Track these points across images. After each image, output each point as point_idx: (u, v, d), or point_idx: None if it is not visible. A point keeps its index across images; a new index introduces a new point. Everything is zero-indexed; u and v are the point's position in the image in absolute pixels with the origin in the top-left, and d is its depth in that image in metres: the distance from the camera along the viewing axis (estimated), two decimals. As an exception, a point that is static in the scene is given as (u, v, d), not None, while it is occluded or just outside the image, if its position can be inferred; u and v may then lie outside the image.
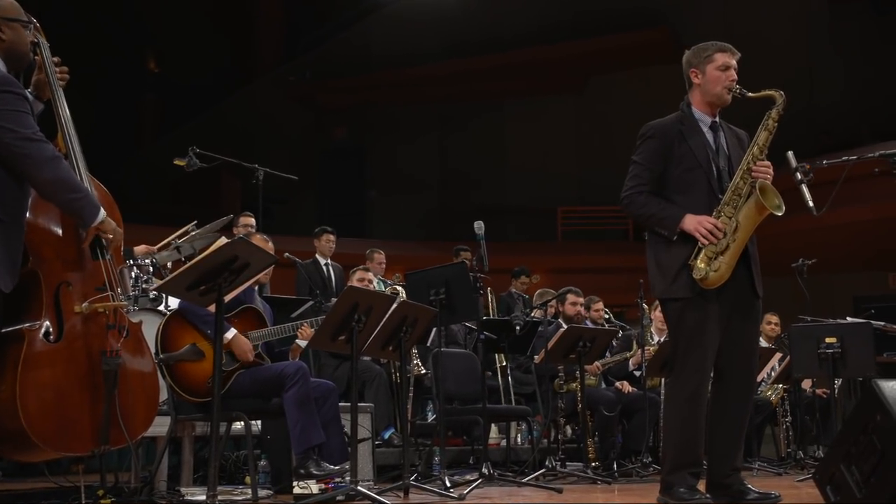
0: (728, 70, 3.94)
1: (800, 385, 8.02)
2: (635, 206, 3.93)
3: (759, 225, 3.86)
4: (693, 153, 3.89)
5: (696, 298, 3.79)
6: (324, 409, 4.54)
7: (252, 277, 4.12)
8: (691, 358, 3.79)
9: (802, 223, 11.06)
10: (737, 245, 3.78)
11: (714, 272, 3.75)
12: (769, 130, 3.88)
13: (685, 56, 4.06)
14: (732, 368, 3.89)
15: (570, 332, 6.42)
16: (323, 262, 8.50)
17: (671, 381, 3.91)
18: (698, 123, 3.97)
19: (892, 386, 2.43)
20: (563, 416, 7.00)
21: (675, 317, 3.86)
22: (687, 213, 3.81)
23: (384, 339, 4.73)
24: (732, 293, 3.84)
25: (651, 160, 3.92)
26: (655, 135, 3.95)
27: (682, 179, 3.89)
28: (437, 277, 5.56)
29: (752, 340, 3.95)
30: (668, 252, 3.87)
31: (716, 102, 3.96)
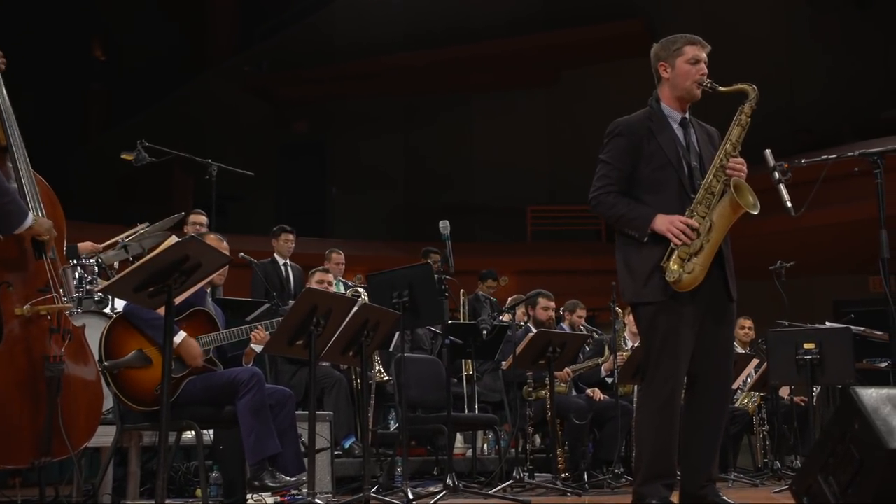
0: (698, 64, 3.96)
1: (777, 392, 8.11)
2: (604, 206, 3.94)
3: (734, 225, 3.89)
4: (663, 151, 3.91)
5: (668, 302, 3.80)
6: (279, 418, 4.52)
7: (204, 278, 4.10)
8: (664, 364, 3.81)
9: (780, 224, 11.18)
10: (711, 245, 3.80)
11: (688, 274, 3.76)
12: (742, 126, 3.90)
13: (653, 49, 4.08)
14: (707, 375, 3.91)
15: (539, 337, 6.45)
16: (281, 263, 8.47)
17: (643, 389, 3.94)
18: (668, 120, 3.99)
19: (870, 394, 2.46)
20: (532, 424, 7.02)
21: (647, 322, 3.87)
22: (658, 213, 3.83)
23: (344, 344, 4.72)
24: (706, 296, 3.86)
25: (619, 159, 3.93)
26: (623, 132, 3.96)
27: (652, 178, 3.91)
28: (400, 279, 5.55)
29: (726, 345, 3.97)
30: (638, 254, 3.88)
31: (685, 97, 3.99)
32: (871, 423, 2.38)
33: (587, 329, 8.11)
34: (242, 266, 7.55)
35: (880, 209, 4.23)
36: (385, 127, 18.85)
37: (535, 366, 6.55)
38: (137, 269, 3.71)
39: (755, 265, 9.13)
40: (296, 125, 19.47)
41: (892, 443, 2.35)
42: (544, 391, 6.90)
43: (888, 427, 2.38)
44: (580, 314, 8.13)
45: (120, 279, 3.77)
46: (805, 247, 12.53)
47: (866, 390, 2.47)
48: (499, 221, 17.61)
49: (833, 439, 2.54)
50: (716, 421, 3.93)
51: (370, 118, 18.77)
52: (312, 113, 19.35)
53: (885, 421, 2.39)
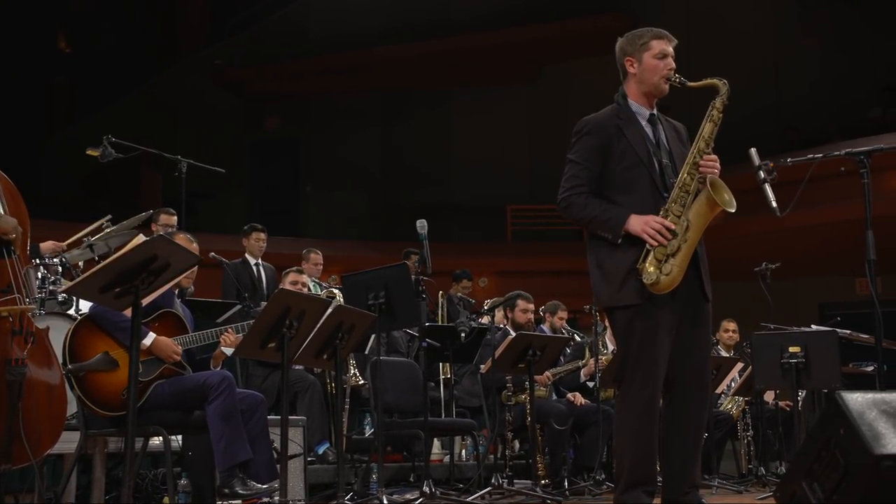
0: (666, 58, 3.97)
1: (762, 397, 8.16)
2: (574, 208, 3.93)
3: (718, 226, 3.91)
4: (633, 149, 3.91)
5: (645, 305, 3.80)
6: (251, 423, 4.51)
7: (173, 279, 4.07)
8: (642, 369, 3.81)
9: (765, 225, 11.25)
10: (689, 245, 3.80)
11: (666, 276, 3.77)
12: (714, 122, 3.91)
13: (619, 44, 4.09)
14: (685, 378, 3.92)
15: (518, 340, 6.46)
16: (253, 263, 8.43)
17: (621, 395, 3.93)
18: (636, 117, 4.00)
19: (856, 398, 2.48)
20: (511, 429, 7.03)
21: (624, 326, 3.87)
22: (631, 213, 3.83)
23: (318, 347, 4.71)
24: (682, 297, 3.87)
25: (589, 158, 3.93)
26: (591, 131, 3.96)
27: (623, 178, 3.91)
28: (376, 280, 5.56)
29: (704, 347, 3.99)
30: (612, 256, 3.88)
31: (653, 93, 4.00)
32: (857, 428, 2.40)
33: (568, 332, 8.14)
34: (213, 266, 7.51)
35: (867, 210, 4.27)
36: (361, 123, 18.82)
37: (515, 369, 6.56)
38: (103, 269, 3.68)
39: (740, 267, 9.19)
40: (269, 121, 19.40)
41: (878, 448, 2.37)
42: (524, 395, 6.91)
43: (874, 432, 2.40)
44: (562, 316, 8.14)
45: (85, 279, 3.75)
46: (791, 248, 12.62)
47: (852, 395, 2.49)
48: (478, 221, 17.61)
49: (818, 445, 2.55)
50: (696, 425, 3.94)
51: (346, 114, 18.73)
52: (286, 108, 19.28)
53: (870, 426, 2.41)
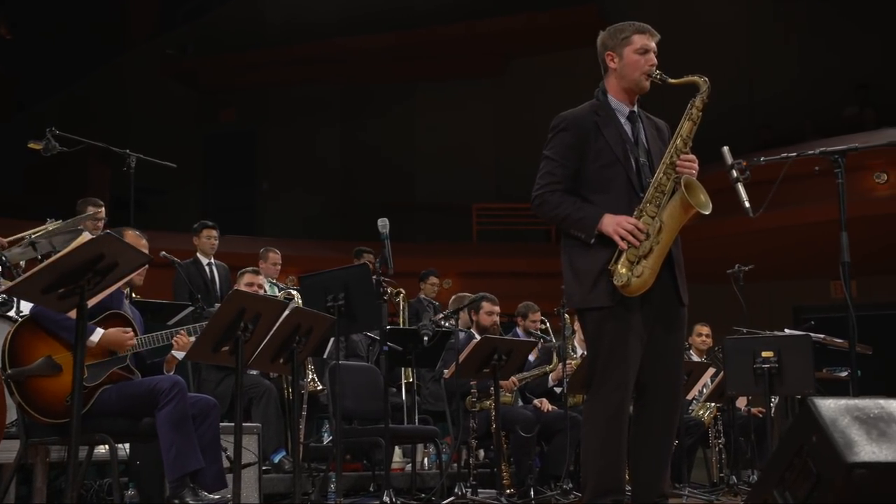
0: (647, 53, 4.00)
1: (734, 403, 8.23)
2: (548, 206, 3.96)
3: (689, 227, 3.94)
4: (610, 147, 3.94)
5: (616, 308, 3.83)
6: (202, 430, 4.48)
7: (122, 279, 4.04)
8: (612, 373, 3.84)
9: (738, 226, 11.37)
10: (661, 247, 3.83)
11: (637, 278, 3.79)
12: (693, 120, 3.93)
13: (600, 38, 4.11)
14: (657, 383, 3.95)
15: (484, 344, 6.47)
16: (205, 262, 8.39)
17: (590, 399, 3.96)
18: (615, 113, 4.03)
19: (828, 405, 2.51)
20: (476, 437, 7.04)
21: (594, 328, 3.90)
22: (605, 212, 3.85)
23: (274, 351, 4.69)
24: (655, 300, 3.90)
25: (564, 155, 3.96)
26: (568, 127, 3.98)
27: (598, 176, 3.93)
28: (335, 281, 5.56)
29: (677, 352, 4.02)
30: (585, 257, 3.90)
31: (634, 89, 4.03)
32: (830, 435, 2.43)
33: (543, 337, 8.15)
34: (164, 266, 7.46)
35: (841, 211, 4.32)
36: (321, 117, 18.75)
37: (480, 374, 6.57)
38: (46, 269, 3.65)
39: (712, 269, 9.27)
40: (223, 114, 19.27)
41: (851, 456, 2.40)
42: (489, 402, 6.92)
43: (846, 440, 2.43)
44: (534, 318, 8.17)
45: (26, 279, 3.71)
46: (764, 249, 12.76)
47: (825, 401, 2.52)
48: (442, 220, 17.62)
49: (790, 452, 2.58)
50: (666, 432, 3.97)
51: (305, 107, 18.65)
52: (241, 101, 19.17)
53: (843, 433, 2.44)
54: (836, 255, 4.34)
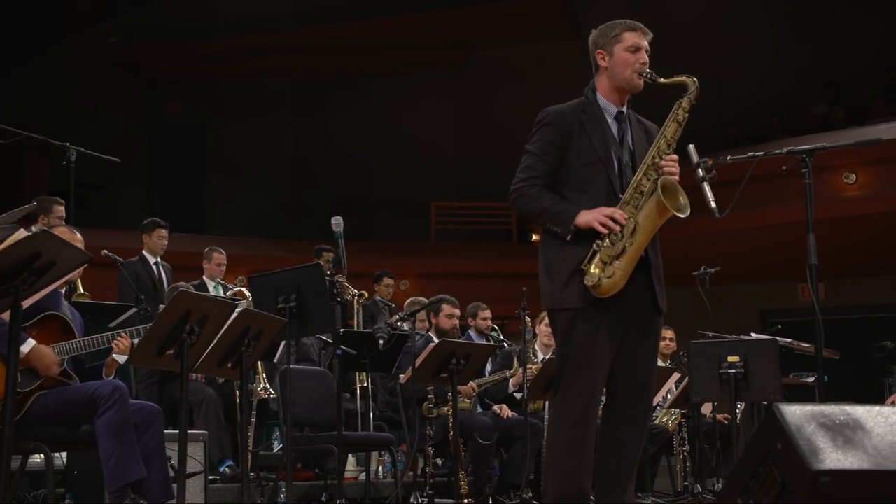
0: (639, 52, 4.03)
1: (699, 410, 8.30)
2: (525, 199, 3.98)
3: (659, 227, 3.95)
4: (593, 146, 3.97)
5: (587, 309, 3.85)
6: (146, 438, 4.44)
7: (59, 279, 4.00)
8: (580, 376, 3.86)
9: (704, 227, 11.43)
10: (635, 249, 3.85)
11: (608, 279, 3.81)
12: (679, 122, 3.98)
13: (591, 36, 4.14)
14: (626, 390, 3.97)
15: (441, 348, 6.47)
16: (152, 262, 8.33)
17: (555, 403, 3.97)
18: (602, 113, 4.06)
19: (794, 411, 2.53)
20: (432, 444, 7.04)
21: (564, 330, 3.92)
22: (583, 209, 3.87)
23: (222, 354, 4.66)
24: (629, 304, 3.92)
25: (547, 151, 3.99)
26: (553, 122, 4.02)
27: (579, 175, 3.97)
28: (286, 282, 5.53)
29: (649, 359, 4.04)
30: (559, 255, 3.93)
31: (625, 88, 4.05)
32: (795, 442, 2.45)
33: (495, 338, 8.17)
34: (105, 265, 7.39)
35: (808, 211, 4.37)
36: (273, 111, 18.66)
37: (437, 379, 6.57)
38: (-22, 268, 3.59)
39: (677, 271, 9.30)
40: (170, 106, 19.11)
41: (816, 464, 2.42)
42: (446, 408, 6.92)
43: (812, 447, 2.45)
44: (484, 316, 8.18)
45: (-43, 279, 3.65)
46: (731, 251, 12.88)
47: (790, 407, 2.54)
48: (399, 218, 17.60)
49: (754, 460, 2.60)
50: (634, 441, 3.99)
51: (256, 101, 18.54)
52: (189, 93, 19.02)
53: (808, 440, 2.46)
54: (804, 257, 4.39)
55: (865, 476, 2.47)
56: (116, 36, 18.77)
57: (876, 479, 2.48)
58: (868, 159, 12.18)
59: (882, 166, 12.30)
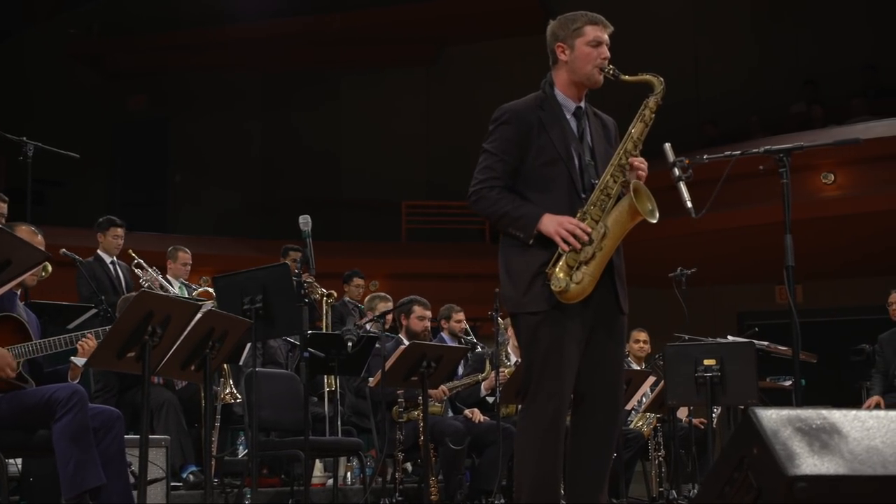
0: (600, 46, 4.01)
1: (675, 414, 8.34)
2: (485, 202, 3.96)
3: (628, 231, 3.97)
4: (553, 144, 3.95)
5: (552, 312, 3.84)
6: (105, 443, 4.41)
7: (15, 278, 3.96)
8: (547, 382, 3.85)
9: (680, 227, 11.50)
10: (604, 254, 3.85)
11: (576, 284, 3.80)
12: (646, 122, 3.97)
13: (550, 28, 4.13)
14: (594, 393, 3.98)
15: (412, 350, 6.47)
16: (108, 261, 8.28)
17: (523, 410, 3.97)
18: (561, 108, 4.04)
19: (770, 415, 2.54)
20: (402, 449, 7.04)
21: (529, 334, 3.91)
22: (546, 212, 3.87)
23: (185, 357, 4.64)
24: (594, 306, 3.92)
25: (506, 150, 3.97)
26: (511, 120, 3.99)
27: (540, 174, 3.95)
28: (252, 282, 5.53)
29: (617, 361, 4.05)
30: (521, 258, 3.92)
31: (584, 83, 4.04)
32: (771, 447, 2.46)
33: (468, 341, 8.18)
34: (65, 265, 7.34)
35: (786, 212, 4.40)
36: (239, 106, 18.59)
37: (407, 383, 6.57)
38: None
39: (652, 272, 9.40)
40: (132, 100, 18.98)
41: (792, 469, 2.44)
42: (417, 412, 6.92)
43: (788, 452, 2.47)
44: (458, 318, 8.19)
45: None
46: (707, 252, 12.95)
47: (766, 411, 2.55)
48: (369, 217, 17.59)
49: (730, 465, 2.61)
50: (605, 445, 4.00)
51: (221, 95, 18.47)
52: (153, 87, 18.90)
53: (785, 445, 2.47)
54: (781, 258, 4.41)
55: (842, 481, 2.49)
56: (76, 27, 18.63)
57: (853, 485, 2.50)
58: (847, 159, 12.28)
59: (861, 166, 12.40)
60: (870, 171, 12.35)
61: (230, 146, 18.35)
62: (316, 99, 18.45)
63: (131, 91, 18.97)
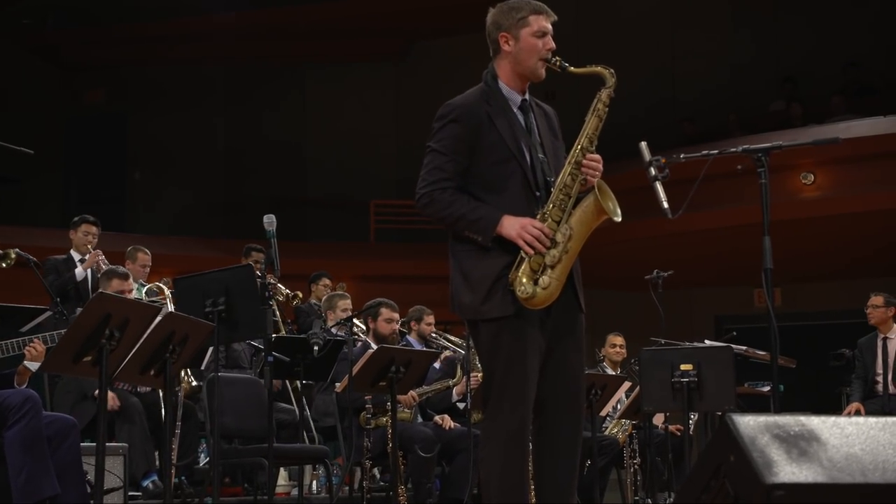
0: (545, 37, 3.96)
1: (651, 420, 8.38)
2: (438, 205, 3.88)
3: (601, 229, 3.95)
4: (504, 141, 3.90)
5: (513, 318, 3.81)
6: (60, 452, 4.39)
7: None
8: (511, 390, 3.83)
9: (656, 228, 11.57)
10: (570, 257, 3.83)
11: (543, 290, 3.77)
12: (600, 117, 3.93)
13: (491, 15, 4.06)
14: (557, 399, 3.96)
15: (380, 354, 6.47)
16: (77, 259, 8.26)
17: (487, 420, 3.95)
18: (507, 102, 3.99)
19: (747, 422, 2.56)
20: (370, 457, 7.04)
21: (489, 342, 3.88)
22: (504, 213, 3.81)
23: (144, 362, 4.62)
24: (555, 309, 3.89)
25: (454, 149, 3.90)
26: (459, 118, 3.92)
27: (492, 174, 3.90)
28: (214, 283, 5.50)
29: (578, 365, 4.02)
30: (478, 262, 3.86)
31: (528, 76, 4.00)
32: (748, 454, 2.48)
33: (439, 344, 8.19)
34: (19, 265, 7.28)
35: (764, 213, 4.43)
36: (200, 100, 18.49)
37: (375, 388, 6.56)
38: None
39: (627, 274, 9.45)
40: (90, 94, 18.86)
41: (770, 477, 2.45)
42: (385, 418, 6.92)
43: (765, 459, 2.49)
44: (429, 321, 8.19)
45: None
46: (684, 254, 13.00)
47: (743, 418, 2.57)
48: (336, 217, 17.56)
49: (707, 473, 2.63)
50: (571, 451, 3.98)
51: (182, 89, 18.37)
52: (110, 80, 18.78)
53: (762, 453, 2.49)
54: (759, 260, 4.45)
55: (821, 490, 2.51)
56: (30, 18, 18.47)
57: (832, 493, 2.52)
58: (827, 159, 12.35)
59: (841, 166, 12.47)
60: (851, 172, 12.41)
61: (192, 142, 18.26)
62: (281, 94, 18.40)
63: (89, 85, 18.84)
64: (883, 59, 15.27)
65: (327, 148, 18.04)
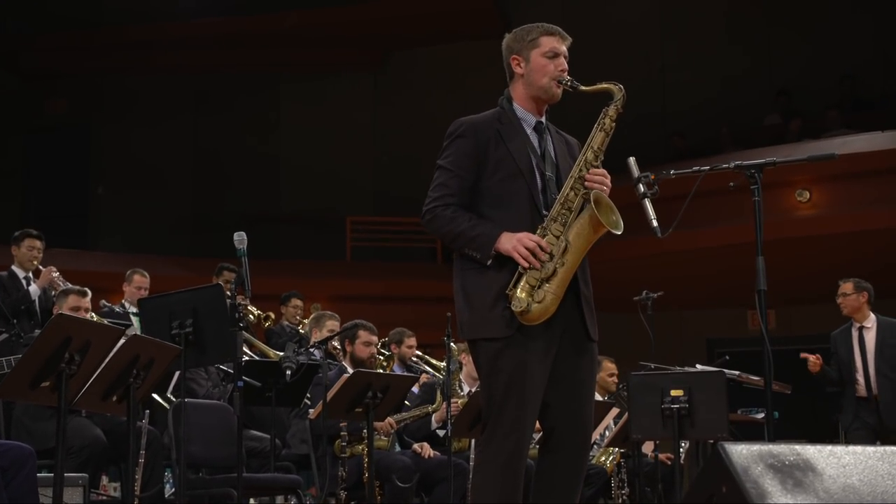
0: (557, 58, 4.08)
1: (640, 448, 8.38)
2: (439, 221, 3.99)
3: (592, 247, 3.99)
4: (513, 159, 4.00)
5: (514, 337, 3.86)
6: (16, 482, 4.36)
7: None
8: (508, 413, 3.86)
9: (645, 247, 11.59)
10: (566, 270, 3.89)
11: (538, 304, 3.83)
12: (606, 132, 4.02)
13: (505, 41, 4.20)
14: (563, 427, 3.99)
15: (356, 379, 6.45)
16: (22, 276, 8.18)
17: (483, 443, 3.98)
18: (520, 122, 4.10)
19: (740, 451, 2.57)
20: (345, 487, 7.01)
21: (489, 362, 3.92)
22: (503, 230, 3.89)
23: (107, 387, 4.60)
24: (559, 330, 3.94)
25: (461, 165, 4.01)
26: (466, 133, 4.04)
27: (498, 190, 3.99)
28: (181, 304, 5.49)
29: (585, 390, 4.06)
30: (479, 280, 3.94)
31: (542, 97, 4.11)
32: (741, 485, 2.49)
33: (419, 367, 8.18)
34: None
35: (757, 232, 4.44)
36: (168, 112, 18.47)
37: (351, 414, 6.55)
38: None
39: (616, 295, 9.45)
40: (51, 105, 18.80)
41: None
42: (361, 446, 6.90)
43: (759, 490, 2.50)
44: (410, 344, 8.18)
45: None
46: (675, 275, 13.05)
47: (736, 447, 2.58)
48: (311, 235, 17.53)
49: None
50: (573, 483, 4.02)
51: (149, 99, 18.35)
52: (73, 90, 18.73)
53: (755, 483, 2.50)
54: (753, 281, 4.46)
55: (817, 521, 2.52)
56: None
57: (828, 525, 2.53)
58: (822, 175, 12.40)
59: (837, 183, 12.52)
60: (847, 189, 12.45)
61: (159, 155, 18.20)
62: (253, 105, 18.40)
63: (49, 94, 18.77)
64: (880, 72, 15.38)
65: (302, 162, 18.03)
